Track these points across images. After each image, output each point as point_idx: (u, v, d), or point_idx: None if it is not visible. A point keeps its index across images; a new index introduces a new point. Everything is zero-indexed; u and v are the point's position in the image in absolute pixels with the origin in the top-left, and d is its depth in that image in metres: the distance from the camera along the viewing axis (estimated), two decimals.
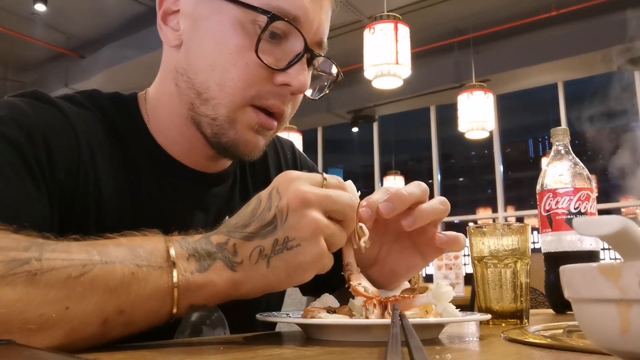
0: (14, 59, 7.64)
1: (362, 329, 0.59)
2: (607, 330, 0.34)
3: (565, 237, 1.08)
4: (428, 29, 6.36)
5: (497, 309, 0.82)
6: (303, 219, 0.57)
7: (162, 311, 0.54)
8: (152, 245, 0.55)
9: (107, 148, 0.75)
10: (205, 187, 0.84)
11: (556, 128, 1.14)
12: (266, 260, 0.57)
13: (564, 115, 7.17)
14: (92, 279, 0.50)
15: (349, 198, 0.61)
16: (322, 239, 0.58)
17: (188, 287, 0.54)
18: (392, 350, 0.39)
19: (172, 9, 0.77)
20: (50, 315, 0.48)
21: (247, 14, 0.71)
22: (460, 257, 4.71)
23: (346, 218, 0.61)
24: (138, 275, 0.52)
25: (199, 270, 0.55)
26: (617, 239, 0.33)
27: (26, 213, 0.61)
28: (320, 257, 0.58)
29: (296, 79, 0.73)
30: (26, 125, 0.66)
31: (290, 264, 0.57)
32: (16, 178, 0.62)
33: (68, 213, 0.69)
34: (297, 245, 0.57)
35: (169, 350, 0.53)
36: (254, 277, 0.57)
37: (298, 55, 0.73)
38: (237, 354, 0.50)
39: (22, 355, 0.39)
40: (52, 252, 0.50)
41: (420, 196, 0.68)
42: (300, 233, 0.57)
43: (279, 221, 0.57)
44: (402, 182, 7.84)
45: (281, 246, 0.57)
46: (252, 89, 0.72)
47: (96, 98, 0.80)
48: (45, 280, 0.48)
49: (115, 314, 0.51)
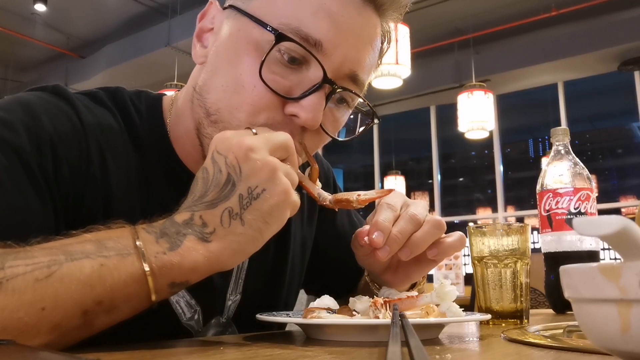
0: (14, 59, 7.64)
1: (362, 329, 0.59)
2: (607, 330, 0.34)
3: (565, 237, 1.08)
4: (428, 29, 6.36)
5: (497, 309, 0.82)
6: (256, 164, 0.56)
7: (141, 294, 0.53)
8: (117, 235, 0.54)
9: (121, 151, 0.72)
10: None
11: (556, 128, 1.14)
12: (238, 218, 0.56)
13: (564, 115, 7.18)
14: (61, 278, 0.50)
15: (282, 136, 0.62)
16: (282, 175, 0.58)
17: (163, 267, 0.53)
18: (392, 350, 0.39)
19: (208, 26, 0.75)
20: (28, 319, 0.48)
21: (264, 33, 0.66)
22: (460, 257, 4.71)
23: (289, 153, 0.62)
24: (108, 265, 0.51)
25: (171, 249, 0.54)
26: (617, 239, 0.33)
27: (23, 224, 0.59)
28: (288, 193, 0.58)
29: (305, 111, 0.66)
30: (34, 130, 0.64)
31: (263, 210, 0.56)
32: (17, 188, 0.60)
33: (75, 217, 0.67)
34: (262, 190, 0.56)
35: (169, 351, 0.53)
36: (232, 241, 0.56)
37: (315, 86, 0.66)
38: (237, 354, 0.50)
39: (22, 355, 0.39)
40: (14, 259, 0.50)
41: (412, 230, 0.71)
42: (260, 177, 0.56)
43: (235, 177, 0.57)
44: (402, 182, 7.83)
45: (248, 198, 0.56)
46: (260, 115, 0.67)
47: (119, 97, 0.77)
48: (12, 287, 0.48)
49: (94, 305, 0.51)
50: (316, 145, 0.73)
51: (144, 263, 0.52)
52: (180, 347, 0.59)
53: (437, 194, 8.16)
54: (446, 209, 8.50)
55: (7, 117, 0.64)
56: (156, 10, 6.71)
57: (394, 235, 0.70)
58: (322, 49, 0.66)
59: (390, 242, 0.70)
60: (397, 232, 0.70)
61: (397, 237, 0.70)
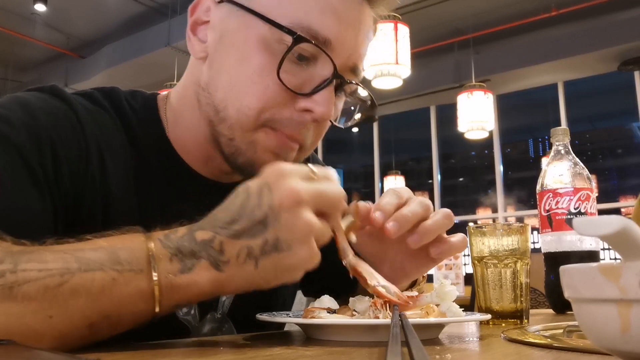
0: (14, 59, 7.65)
1: (362, 329, 0.59)
2: (607, 330, 0.34)
3: (565, 237, 1.08)
4: (428, 29, 6.36)
5: (497, 309, 0.82)
6: (297, 221, 0.54)
7: (147, 310, 0.53)
8: (132, 246, 0.53)
9: (119, 150, 0.72)
10: (218, 196, 0.82)
11: (556, 128, 1.13)
12: (254, 261, 0.54)
13: (564, 115, 7.18)
14: (72, 288, 0.49)
15: (338, 191, 0.60)
16: (313, 240, 0.55)
17: (171, 288, 0.52)
18: (392, 350, 0.39)
19: (203, 19, 0.75)
20: (35, 325, 0.48)
21: (274, 32, 0.67)
22: (460, 257, 4.71)
23: (334, 211, 0.60)
24: (119, 280, 0.51)
25: (182, 271, 0.53)
26: (617, 239, 0.33)
27: (23, 223, 0.59)
28: (311, 258, 0.56)
29: (320, 105, 0.68)
30: (34, 129, 0.64)
31: (279, 265, 0.55)
32: (17, 187, 0.60)
33: (74, 217, 0.67)
34: (288, 247, 0.54)
35: (169, 351, 0.53)
36: (240, 277, 0.55)
37: (326, 81, 0.69)
38: (237, 354, 0.50)
39: (22, 355, 0.39)
40: (27, 262, 0.49)
41: (422, 214, 0.69)
42: (293, 235, 0.54)
43: (270, 220, 0.54)
44: (402, 182, 7.83)
45: (271, 247, 0.54)
46: (268, 112, 0.69)
47: (115, 97, 0.77)
48: (23, 293, 0.48)
49: (100, 319, 0.51)
50: (321, 134, 0.76)
51: (155, 285, 0.52)
52: (180, 347, 0.59)
53: (437, 194, 8.16)
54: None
55: (7, 114, 0.64)
56: (156, 10, 6.72)
57: (405, 214, 0.67)
58: (330, 45, 0.68)
59: (401, 220, 0.66)
60: (408, 212, 0.67)
61: (408, 216, 0.67)
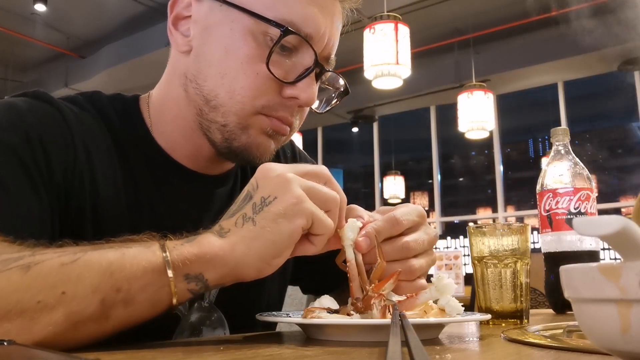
0: (14, 59, 7.64)
1: (362, 329, 0.59)
2: (607, 330, 0.34)
3: (565, 237, 1.08)
4: (428, 29, 6.35)
5: (497, 309, 0.82)
6: (274, 177, 0.61)
7: (157, 284, 0.55)
8: (142, 239, 0.60)
9: (104, 150, 0.75)
10: (207, 188, 0.84)
11: (556, 128, 1.13)
12: (250, 220, 0.60)
13: (564, 115, 7.17)
14: (85, 263, 0.53)
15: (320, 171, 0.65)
16: (297, 187, 0.60)
17: (180, 255, 0.56)
18: (392, 350, 0.39)
19: (184, 14, 0.79)
20: (47, 302, 0.50)
21: (260, 25, 0.72)
22: (460, 257, 4.71)
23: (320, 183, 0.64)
24: (129, 253, 0.55)
25: (189, 242, 0.58)
26: (617, 239, 0.33)
27: (26, 224, 0.62)
28: (300, 200, 0.60)
29: (304, 92, 0.74)
30: (23, 128, 0.66)
31: (273, 212, 0.59)
32: (17, 188, 0.63)
33: (65, 215, 0.69)
34: (274, 198, 0.60)
35: (169, 350, 0.53)
36: (244, 236, 0.59)
37: (308, 70, 0.74)
38: (237, 354, 0.50)
39: (22, 355, 0.39)
40: (44, 251, 0.54)
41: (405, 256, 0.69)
42: (273, 188, 0.60)
43: (252, 190, 0.62)
44: (401, 182, 7.83)
45: (260, 205, 0.60)
46: (261, 99, 0.74)
47: (97, 100, 0.80)
48: (39, 270, 0.51)
49: (112, 292, 0.53)
50: (304, 117, 0.82)
51: (164, 253, 0.56)
52: (180, 346, 0.59)
53: (437, 194, 8.16)
54: (446, 209, 8.49)
55: None
56: (156, 10, 6.71)
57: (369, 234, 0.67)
58: (311, 38, 0.74)
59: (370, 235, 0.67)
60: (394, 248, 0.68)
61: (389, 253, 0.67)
